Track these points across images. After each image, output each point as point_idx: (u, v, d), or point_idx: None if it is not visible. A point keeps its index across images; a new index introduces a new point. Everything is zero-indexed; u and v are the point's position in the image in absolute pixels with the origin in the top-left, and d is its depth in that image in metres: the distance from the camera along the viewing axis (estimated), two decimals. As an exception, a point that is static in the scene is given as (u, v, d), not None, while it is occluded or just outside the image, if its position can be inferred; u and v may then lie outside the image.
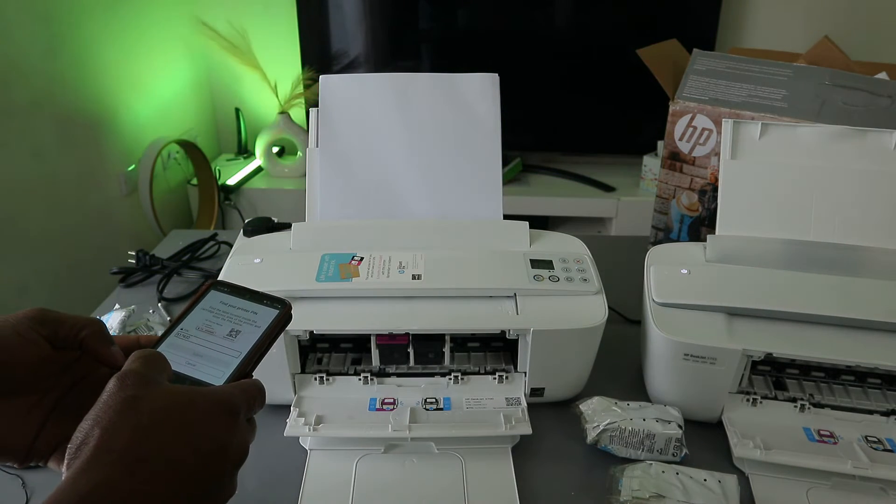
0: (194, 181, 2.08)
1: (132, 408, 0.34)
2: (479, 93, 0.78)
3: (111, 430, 0.33)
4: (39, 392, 0.40)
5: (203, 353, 0.41)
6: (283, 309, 0.44)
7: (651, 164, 2.04)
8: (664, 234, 0.98)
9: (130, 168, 1.80)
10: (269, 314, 0.44)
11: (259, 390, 0.40)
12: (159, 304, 0.91)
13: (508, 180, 2.11)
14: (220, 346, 0.42)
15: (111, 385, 0.35)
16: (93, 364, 0.42)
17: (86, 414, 0.34)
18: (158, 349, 0.42)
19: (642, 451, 0.61)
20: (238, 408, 0.37)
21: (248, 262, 0.70)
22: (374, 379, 0.68)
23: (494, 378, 0.68)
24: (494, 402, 0.66)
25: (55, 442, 0.40)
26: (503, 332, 0.65)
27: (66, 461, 0.33)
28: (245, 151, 2.27)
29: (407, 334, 0.66)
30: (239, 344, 0.42)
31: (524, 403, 0.66)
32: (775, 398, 0.66)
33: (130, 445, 0.32)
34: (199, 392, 0.36)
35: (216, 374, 0.40)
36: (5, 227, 1.36)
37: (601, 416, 0.63)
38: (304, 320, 0.63)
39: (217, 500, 0.35)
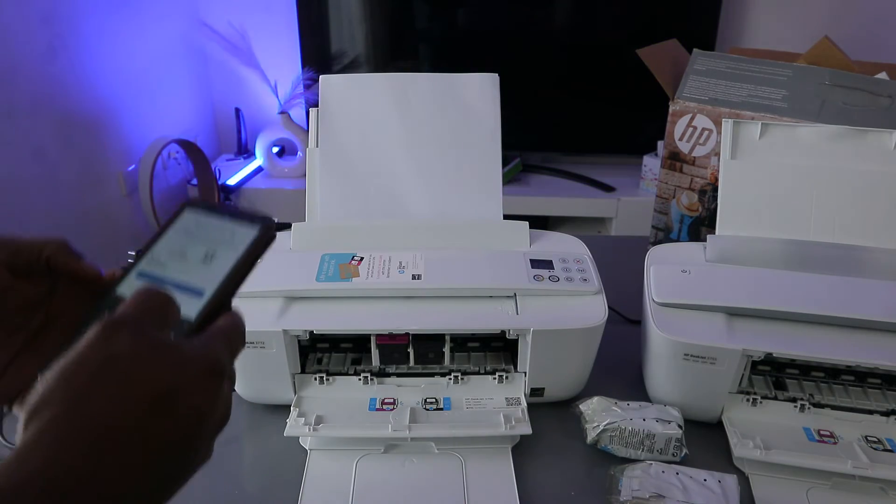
0: (194, 181, 2.08)
1: (113, 371, 0.28)
2: (479, 93, 0.78)
3: (82, 396, 0.27)
4: (3, 328, 0.35)
5: (175, 281, 0.37)
6: (262, 227, 0.38)
7: (651, 164, 2.04)
8: (664, 234, 0.98)
9: (130, 168, 1.81)
10: (247, 234, 0.39)
11: (238, 329, 0.35)
12: (159, 304, 0.91)
13: (508, 180, 2.10)
14: (194, 273, 0.37)
15: (95, 334, 0.29)
16: (69, 302, 0.37)
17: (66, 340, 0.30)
18: (126, 280, 0.37)
19: (642, 451, 0.61)
20: (224, 367, 0.33)
21: (248, 262, 0.70)
22: (374, 379, 0.68)
23: (494, 378, 0.68)
24: (494, 402, 0.66)
25: (23, 384, 0.34)
26: (503, 332, 0.64)
27: (23, 417, 0.28)
28: (245, 151, 2.27)
29: (407, 334, 0.66)
30: (214, 270, 0.37)
31: (524, 403, 0.66)
32: (775, 398, 0.66)
33: (102, 416, 0.27)
34: (188, 356, 0.31)
35: (189, 304, 0.36)
36: (5, 226, 1.36)
37: (601, 416, 0.63)
38: (304, 320, 0.63)
39: (191, 470, 0.31)
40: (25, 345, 0.36)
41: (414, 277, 0.66)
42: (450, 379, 0.68)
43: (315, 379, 0.68)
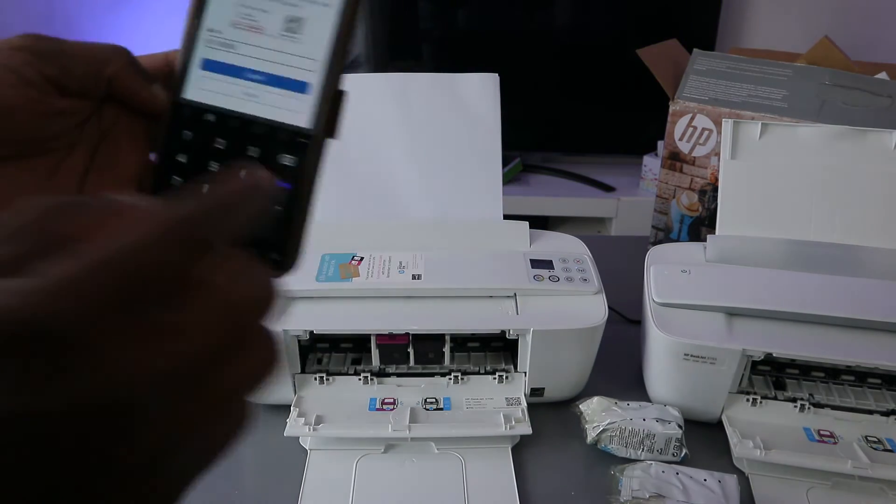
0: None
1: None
2: (479, 93, 0.78)
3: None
4: (56, 151, 0.28)
5: (260, 72, 0.25)
6: None
7: (651, 164, 2.04)
8: (664, 234, 0.98)
9: (130, 168, 1.81)
10: None
11: (245, 193, 0.20)
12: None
13: (508, 180, 2.10)
14: (281, 53, 0.25)
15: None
16: (124, 115, 0.29)
17: (128, 169, 0.25)
18: (190, 79, 0.26)
19: (642, 451, 0.61)
20: (195, 242, 0.18)
21: (248, 262, 0.70)
22: (374, 379, 0.68)
23: (494, 378, 0.68)
24: (494, 402, 0.66)
25: None
26: (503, 332, 0.64)
27: None
28: (245, 151, 2.27)
29: (407, 334, 0.66)
30: (309, 43, 0.25)
31: (524, 403, 0.66)
32: (775, 398, 0.66)
33: None
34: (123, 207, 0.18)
35: (292, 105, 0.24)
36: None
37: (601, 416, 0.63)
38: (304, 320, 0.63)
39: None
40: (90, 163, 0.28)
41: (414, 277, 0.66)
42: (450, 379, 0.68)
43: (315, 379, 0.68)
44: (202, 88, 0.26)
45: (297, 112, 0.25)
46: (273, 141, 0.25)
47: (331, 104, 0.25)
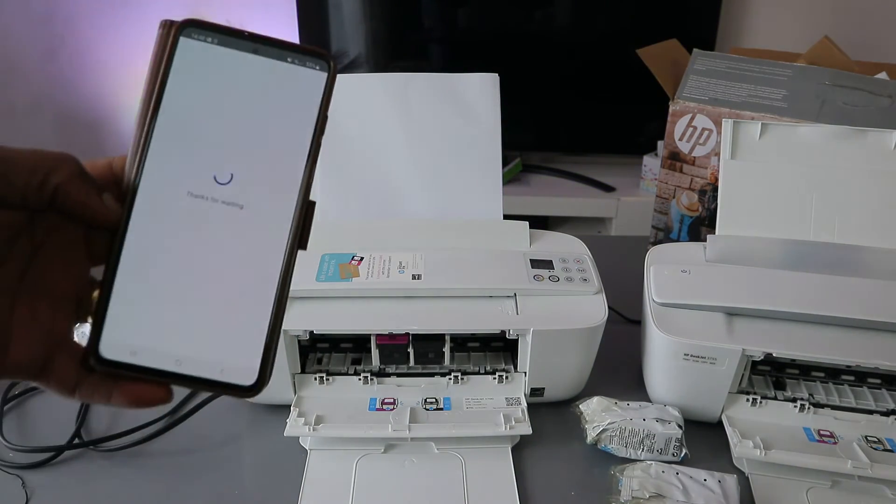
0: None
1: None
2: (479, 93, 0.78)
3: None
4: None
5: (225, 198, 0.24)
6: (332, 66, 0.24)
7: (651, 164, 2.04)
8: (664, 234, 0.98)
9: (130, 168, 1.81)
10: (312, 81, 0.24)
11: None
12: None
13: (508, 180, 2.10)
14: (250, 164, 0.24)
15: None
16: (58, 217, 0.27)
17: (64, 288, 0.24)
18: (141, 186, 0.25)
19: (642, 451, 0.61)
20: None
21: (248, 262, 0.70)
22: (374, 379, 0.68)
23: (494, 378, 0.68)
24: (494, 402, 0.66)
25: (39, 341, 0.25)
26: (503, 332, 0.64)
27: None
28: (245, 151, 2.27)
29: (407, 334, 0.66)
30: (281, 160, 0.24)
31: (524, 403, 0.66)
32: (775, 398, 0.66)
33: None
34: None
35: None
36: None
37: (601, 416, 0.63)
38: (304, 320, 0.63)
39: None
40: (16, 285, 0.26)
41: (414, 277, 0.66)
42: (450, 379, 0.68)
43: (315, 379, 0.68)
44: (149, 207, 0.27)
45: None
46: None
47: (304, 225, 0.27)
